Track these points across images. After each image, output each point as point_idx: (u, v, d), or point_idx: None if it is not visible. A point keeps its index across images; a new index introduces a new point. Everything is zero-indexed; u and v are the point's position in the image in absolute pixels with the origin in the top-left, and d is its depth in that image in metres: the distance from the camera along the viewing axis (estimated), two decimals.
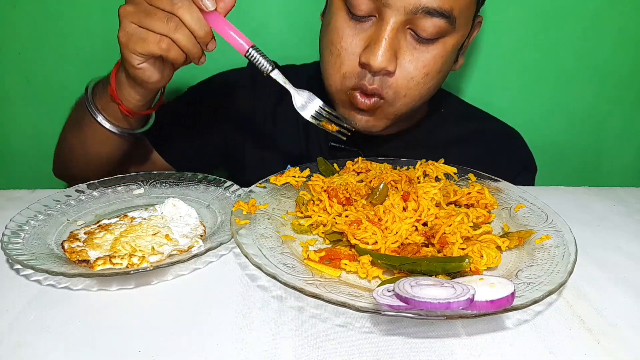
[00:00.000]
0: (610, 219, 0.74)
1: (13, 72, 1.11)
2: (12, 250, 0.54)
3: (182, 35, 0.59)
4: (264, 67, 0.62)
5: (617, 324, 0.49)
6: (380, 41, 0.70)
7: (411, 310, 0.42)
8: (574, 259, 0.52)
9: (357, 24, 0.74)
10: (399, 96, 0.76)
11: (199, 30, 0.59)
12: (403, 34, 0.72)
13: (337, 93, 0.79)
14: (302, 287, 0.45)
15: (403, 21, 0.70)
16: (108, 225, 0.61)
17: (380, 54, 0.70)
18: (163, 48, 0.60)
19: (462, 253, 0.54)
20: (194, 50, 0.61)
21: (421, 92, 0.77)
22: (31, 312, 0.48)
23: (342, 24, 0.75)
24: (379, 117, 0.79)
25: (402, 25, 0.71)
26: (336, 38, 0.75)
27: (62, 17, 1.06)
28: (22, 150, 1.18)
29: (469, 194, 0.66)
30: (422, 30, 0.71)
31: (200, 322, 0.47)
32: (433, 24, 0.70)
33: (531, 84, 1.16)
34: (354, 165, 0.75)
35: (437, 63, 0.75)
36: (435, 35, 0.72)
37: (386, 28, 0.70)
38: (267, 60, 0.62)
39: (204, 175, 0.76)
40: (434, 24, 0.70)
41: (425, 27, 0.70)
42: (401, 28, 0.71)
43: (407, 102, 0.77)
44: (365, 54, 0.72)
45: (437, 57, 0.74)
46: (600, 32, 1.11)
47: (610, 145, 1.25)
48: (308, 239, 0.60)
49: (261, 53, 0.62)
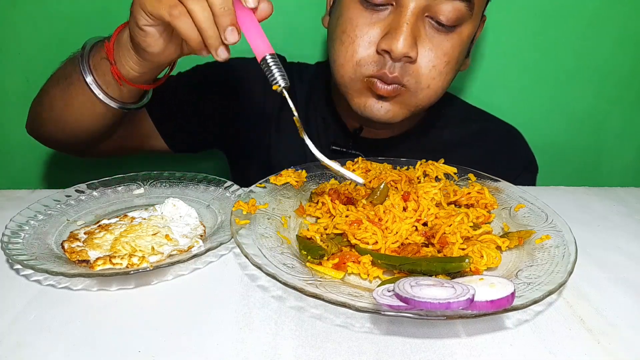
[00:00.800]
0: (610, 219, 0.74)
1: (13, 72, 1.11)
2: (12, 250, 0.54)
3: (199, 6, 0.53)
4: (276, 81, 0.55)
5: (617, 324, 0.49)
6: (401, 26, 0.69)
7: (411, 310, 0.42)
8: (574, 259, 0.52)
9: (373, 13, 0.73)
10: (422, 86, 0.75)
11: (218, 6, 0.52)
12: (422, 21, 0.72)
13: (352, 82, 0.77)
14: (302, 287, 0.45)
15: (422, 7, 0.70)
16: (108, 225, 0.61)
17: (403, 38, 0.69)
18: (174, 14, 0.54)
19: (462, 253, 0.55)
20: (209, 31, 0.54)
21: (443, 83, 0.76)
22: (31, 312, 0.48)
23: (356, 14, 0.74)
24: (400, 105, 0.78)
25: (421, 12, 0.70)
26: (349, 27, 0.74)
27: (62, 17, 1.06)
28: (22, 150, 1.18)
29: (468, 194, 0.66)
30: (442, 15, 0.70)
31: (200, 322, 0.47)
32: (454, 8, 0.70)
33: (531, 84, 1.17)
34: (354, 165, 0.75)
35: (456, 51, 0.75)
36: (455, 21, 0.71)
37: (406, 13, 0.70)
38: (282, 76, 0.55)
39: (204, 175, 0.76)
40: (454, 8, 0.70)
41: (446, 11, 0.70)
42: (420, 15, 0.71)
43: (429, 94, 0.77)
44: (386, 41, 0.70)
45: (455, 46, 0.74)
46: (600, 32, 1.11)
47: (610, 145, 1.25)
48: None
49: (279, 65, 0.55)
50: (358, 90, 0.78)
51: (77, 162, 1.18)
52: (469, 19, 0.73)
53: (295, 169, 0.73)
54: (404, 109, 0.78)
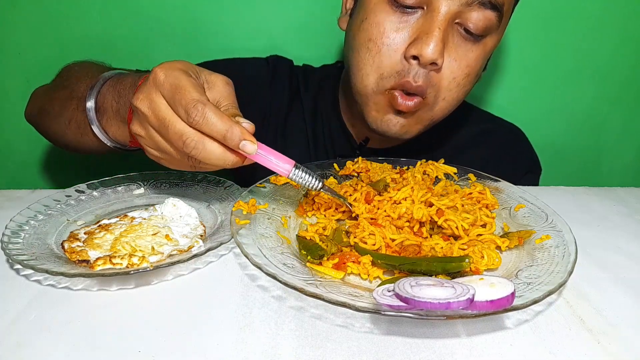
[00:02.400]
0: (610, 219, 0.74)
1: (13, 72, 1.11)
2: (12, 250, 0.54)
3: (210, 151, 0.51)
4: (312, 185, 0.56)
5: (617, 324, 0.49)
6: (433, 31, 0.67)
7: (411, 310, 0.42)
8: (574, 259, 0.52)
9: (403, 16, 0.70)
10: (439, 99, 0.74)
11: (223, 165, 0.52)
12: (451, 28, 0.70)
13: (373, 95, 0.75)
14: (302, 287, 0.45)
15: (455, 12, 0.68)
16: (108, 225, 0.61)
17: (434, 43, 0.67)
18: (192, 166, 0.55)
19: (462, 253, 0.55)
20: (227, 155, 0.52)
21: (458, 95, 0.75)
22: (31, 312, 0.48)
23: (384, 18, 0.70)
24: (416, 120, 0.76)
25: (452, 18, 0.68)
26: (377, 33, 0.71)
27: (62, 17, 1.06)
28: (22, 150, 1.18)
29: (470, 194, 0.66)
30: (472, 23, 0.69)
31: (200, 322, 0.47)
32: (485, 17, 0.68)
33: (531, 84, 1.17)
34: (354, 165, 0.75)
35: (478, 64, 0.73)
36: (484, 30, 0.70)
37: (438, 18, 0.67)
38: (313, 177, 0.55)
39: (204, 175, 0.76)
40: (485, 17, 0.68)
41: (476, 20, 0.68)
42: (451, 21, 0.69)
43: (444, 106, 0.75)
44: (416, 46, 0.68)
45: (478, 58, 0.73)
46: (601, 32, 1.11)
47: (610, 145, 1.25)
48: None
49: (305, 170, 0.55)
50: (378, 103, 0.75)
51: (77, 162, 1.19)
52: (496, 30, 0.71)
53: None
54: (419, 124, 0.77)
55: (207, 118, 0.48)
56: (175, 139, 0.50)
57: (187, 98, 0.49)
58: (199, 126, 0.49)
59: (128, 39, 1.08)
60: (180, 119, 0.50)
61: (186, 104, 0.49)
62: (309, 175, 0.55)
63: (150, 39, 1.09)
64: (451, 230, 0.58)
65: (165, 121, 0.50)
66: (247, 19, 1.09)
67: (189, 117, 0.49)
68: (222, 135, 0.49)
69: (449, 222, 0.59)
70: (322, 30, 1.08)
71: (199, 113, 0.48)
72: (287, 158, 0.54)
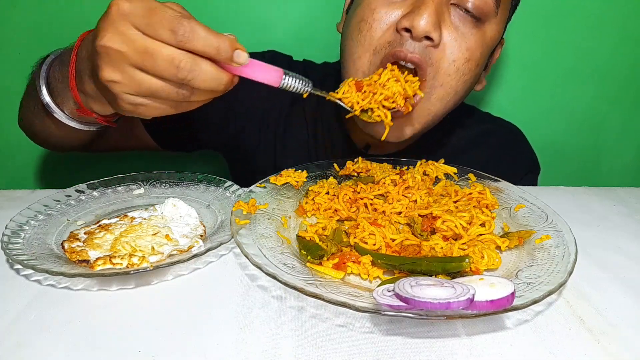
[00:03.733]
0: (610, 219, 0.74)
1: (13, 72, 1.11)
2: (12, 250, 0.54)
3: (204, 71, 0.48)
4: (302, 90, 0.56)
5: (617, 324, 0.49)
6: (426, 4, 0.65)
7: (411, 310, 0.42)
8: (574, 259, 0.52)
9: None
10: (437, 83, 0.70)
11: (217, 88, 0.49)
12: (447, 8, 0.69)
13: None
14: (302, 287, 0.45)
15: None
16: (108, 225, 0.61)
17: (427, 15, 0.64)
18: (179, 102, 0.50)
19: (462, 253, 0.55)
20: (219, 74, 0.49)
21: (458, 83, 0.72)
22: (31, 312, 0.48)
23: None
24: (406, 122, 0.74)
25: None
26: (368, 12, 0.70)
27: (62, 17, 1.06)
28: (22, 150, 1.18)
29: (470, 195, 0.66)
30: (470, 3, 0.68)
31: (200, 322, 0.47)
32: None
33: (531, 83, 1.17)
34: (354, 165, 0.75)
35: (477, 51, 0.71)
36: (480, 11, 0.69)
37: None
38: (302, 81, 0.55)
39: (204, 175, 0.76)
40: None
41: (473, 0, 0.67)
42: (445, 1, 0.68)
43: (442, 95, 0.72)
44: (408, 17, 0.66)
45: (478, 44, 0.71)
46: (601, 32, 1.11)
47: (610, 145, 1.25)
48: None
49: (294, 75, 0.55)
50: None
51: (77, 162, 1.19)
52: (494, 17, 0.71)
53: (295, 169, 0.73)
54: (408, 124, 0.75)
55: (196, 32, 0.45)
56: (166, 66, 0.46)
57: (168, 17, 0.45)
58: (189, 43, 0.45)
59: None
60: (164, 43, 0.46)
61: (170, 23, 0.45)
62: (298, 80, 0.55)
63: None
64: (451, 232, 0.58)
65: (149, 50, 0.45)
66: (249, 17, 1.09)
67: (176, 36, 0.45)
68: (214, 48, 0.46)
69: (447, 223, 0.58)
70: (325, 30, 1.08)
71: (187, 28, 0.45)
72: (275, 67, 0.53)
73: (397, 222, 0.62)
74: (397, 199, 0.65)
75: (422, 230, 0.60)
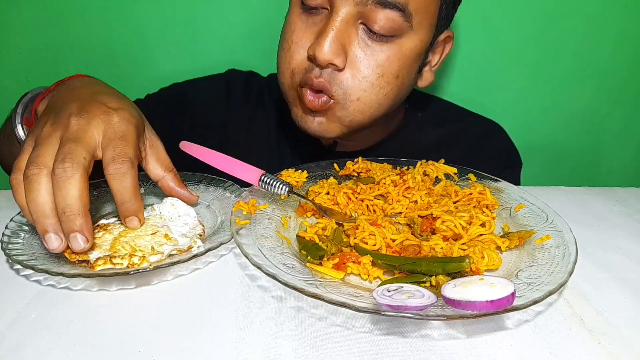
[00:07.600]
0: (610, 219, 0.74)
1: (13, 72, 1.11)
2: (12, 250, 0.54)
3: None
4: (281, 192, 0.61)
5: (617, 324, 0.49)
6: (327, 32, 0.67)
7: (411, 310, 0.42)
8: (574, 259, 0.52)
9: (309, 17, 0.71)
10: (351, 98, 0.71)
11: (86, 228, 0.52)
12: (354, 28, 0.69)
13: (289, 91, 0.76)
14: (302, 288, 0.45)
15: (354, 13, 0.67)
16: (106, 225, 0.61)
17: (327, 45, 0.66)
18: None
19: (462, 253, 0.55)
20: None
21: (378, 96, 0.72)
22: (31, 312, 0.48)
23: (295, 18, 0.73)
24: (331, 120, 0.75)
25: (353, 19, 0.68)
26: (289, 32, 0.73)
27: (62, 18, 1.06)
28: None
29: (470, 195, 0.66)
30: (376, 24, 0.67)
31: (200, 322, 0.47)
32: (386, 17, 0.67)
33: (531, 84, 1.17)
34: (354, 165, 0.75)
35: (393, 65, 0.71)
36: (389, 30, 0.68)
37: (335, 19, 0.67)
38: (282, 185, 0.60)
39: (204, 175, 0.76)
40: (386, 17, 0.67)
41: (378, 19, 0.67)
42: (352, 21, 0.68)
43: (361, 107, 0.72)
44: (312, 46, 0.68)
45: (392, 58, 0.70)
46: (600, 32, 1.11)
47: (609, 145, 1.25)
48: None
49: (274, 178, 0.61)
50: (294, 99, 0.76)
51: None
52: (409, 30, 0.69)
53: (295, 169, 0.73)
54: (337, 123, 0.75)
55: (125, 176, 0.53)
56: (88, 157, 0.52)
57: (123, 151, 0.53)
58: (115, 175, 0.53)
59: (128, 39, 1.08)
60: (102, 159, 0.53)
61: (119, 154, 0.53)
62: (276, 182, 0.60)
63: (149, 39, 1.09)
64: (451, 232, 0.58)
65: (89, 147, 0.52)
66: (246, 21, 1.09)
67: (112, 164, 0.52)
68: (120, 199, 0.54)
69: (447, 224, 0.58)
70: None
71: (123, 168, 0.53)
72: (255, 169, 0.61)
73: (397, 222, 0.62)
74: (398, 199, 0.66)
75: (422, 230, 0.60)
